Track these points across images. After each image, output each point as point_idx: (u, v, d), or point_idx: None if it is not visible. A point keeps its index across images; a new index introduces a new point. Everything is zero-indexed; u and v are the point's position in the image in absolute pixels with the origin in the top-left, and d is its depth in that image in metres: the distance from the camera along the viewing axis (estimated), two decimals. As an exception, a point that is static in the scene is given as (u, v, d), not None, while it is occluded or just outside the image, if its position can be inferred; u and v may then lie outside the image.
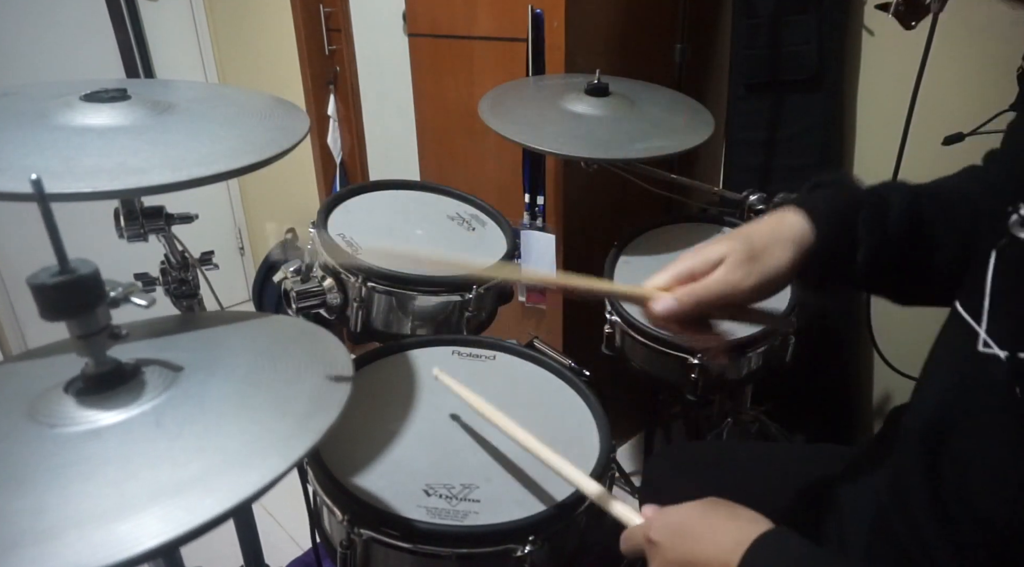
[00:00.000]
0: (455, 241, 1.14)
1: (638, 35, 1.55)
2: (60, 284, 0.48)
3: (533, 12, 1.39)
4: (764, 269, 0.58)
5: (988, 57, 1.27)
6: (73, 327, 0.51)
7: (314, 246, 1.06)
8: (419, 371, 0.93)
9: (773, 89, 1.48)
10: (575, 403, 0.90)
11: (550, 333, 1.67)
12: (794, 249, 0.59)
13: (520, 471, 0.78)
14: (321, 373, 0.57)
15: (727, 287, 0.58)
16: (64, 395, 0.53)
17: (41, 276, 0.48)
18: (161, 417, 0.51)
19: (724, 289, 0.58)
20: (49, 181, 0.62)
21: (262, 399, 0.54)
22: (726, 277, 0.58)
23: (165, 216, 0.89)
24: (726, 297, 0.58)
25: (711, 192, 1.33)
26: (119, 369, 0.54)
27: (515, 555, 0.68)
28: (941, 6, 1.18)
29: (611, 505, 0.64)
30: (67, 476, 0.45)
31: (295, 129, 0.83)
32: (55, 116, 0.76)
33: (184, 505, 0.43)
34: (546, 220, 1.56)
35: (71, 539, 0.41)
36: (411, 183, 1.26)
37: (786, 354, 1.11)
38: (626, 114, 1.19)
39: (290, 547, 1.62)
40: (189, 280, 0.96)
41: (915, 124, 1.27)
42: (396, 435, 0.81)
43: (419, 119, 1.77)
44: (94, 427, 0.50)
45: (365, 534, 0.70)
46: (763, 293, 0.59)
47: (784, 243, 0.59)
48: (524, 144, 1.11)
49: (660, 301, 0.59)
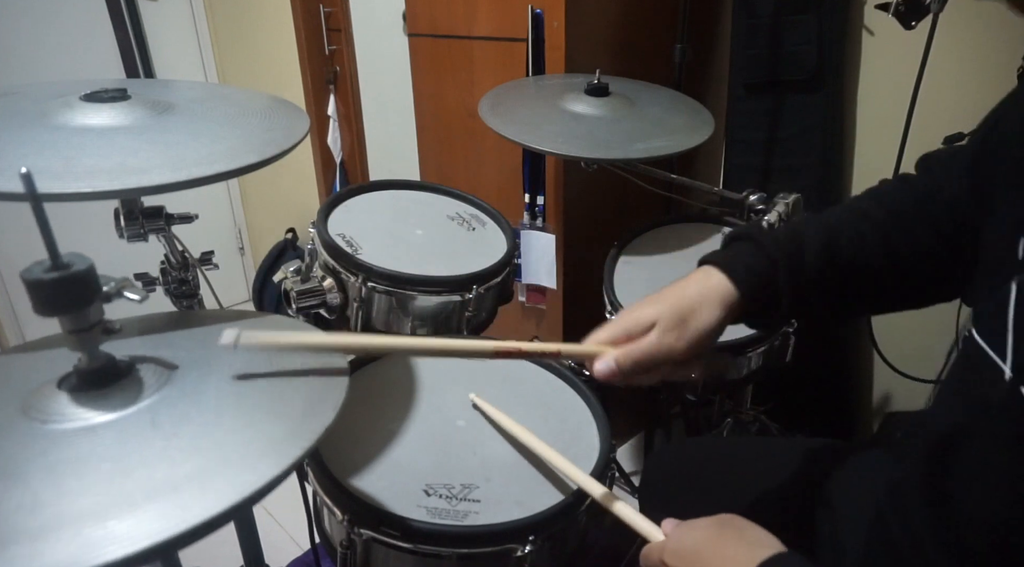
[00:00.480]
0: (455, 241, 1.14)
1: (638, 35, 1.55)
2: (54, 279, 0.48)
3: (533, 12, 1.39)
4: (694, 331, 0.63)
5: (988, 57, 1.27)
6: (66, 322, 0.50)
7: (314, 246, 1.06)
8: (419, 371, 0.93)
9: (773, 89, 1.48)
10: (575, 403, 0.90)
11: (550, 333, 1.67)
12: (721, 309, 0.64)
13: (520, 471, 0.78)
14: (318, 374, 0.57)
15: (661, 349, 0.63)
16: (58, 391, 0.53)
17: (35, 270, 0.48)
18: (156, 415, 0.51)
19: (659, 351, 0.63)
20: (49, 181, 0.63)
21: (258, 399, 0.54)
22: (660, 340, 0.63)
23: (165, 216, 0.89)
24: (662, 357, 0.63)
25: (711, 192, 1.33)
26: (113, 365, 0.54)
27: (515, 555, 0.68)
28: (941, 6, 1.18)
29: (636, 522, 0.65)
30: (61, 473, 0.45)
31: (295, 129, 0.83)
32: (55, 116, 0.76)
33: (179, 504, 0.43)
34: (546, 220, 1.56)
35: (65, 536, 0.41)
36: (411, 183, 1.26)
37: (786, 354, 1.12)
38: (626, 114, 1.19)
39: (290, 547, 1.62)
40: (189, 280, 0.96)
41: (915, 124, 1.27)
42: (396, 435, 0.81)
43: (419, 119, 1.77)
44: (88, 424, 0.50)
45: (365, 534, 0.70)
46: (696, 350, 0.64)
47: (711, 305, 0.64)
48: (524, 144, 1.11)
49: (601, 361, 0.64)
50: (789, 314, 0.66)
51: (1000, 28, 1.25)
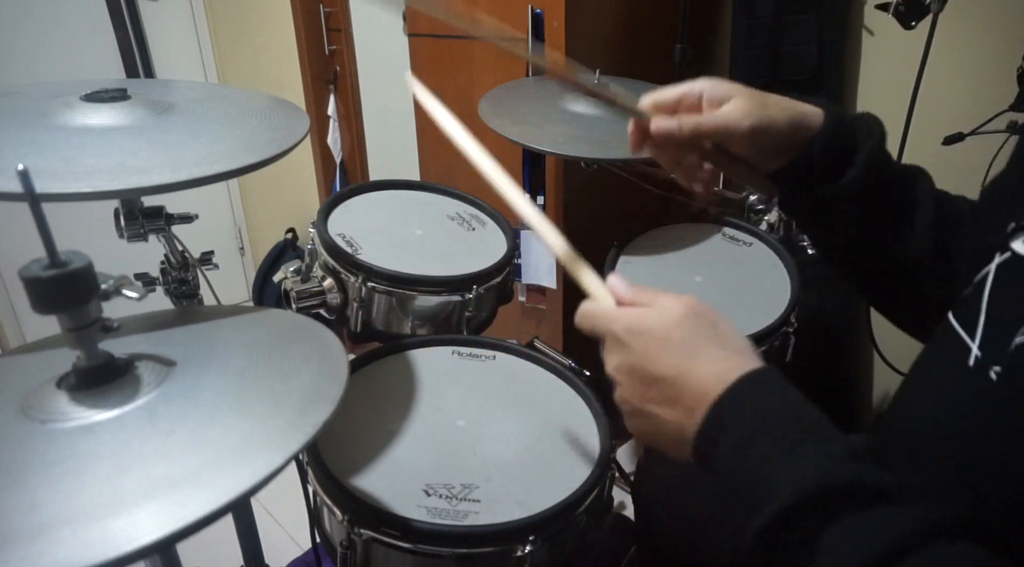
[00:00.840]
0: (455, 241, 1.14)
1: (638, 35, 1.55)
2: (52, 276, 0.48)
3: (533, 12, 1.39)
4: (765, 117, 0.61)
5: (988, 57, 1.28)
6: (64, 320, 0.50)
7: (314, 246, 1.06)
8: (419, 371, 0.93)
9: (773, 89, 1.46)
10: (575, 403, 0.90)
11: (550, 333, 1.67)
12: (799, 117, 0.62)
13: (520, 471, 0.78)
14: (316, 368, 0.57)
15: (726, 123, 0.60)
16: (56, 390, 0.53)
17: (33, 268, 0.48)
18: (154, 413, 0.51)
19: (723, 124, 0.60)
20: (49, 181, 0.63)
21: (256, 394, 0.54)
22: (728, 113, 0.60)
23: (165, 216, 0.89)
24: (722, 133, 0.61)
25: (711, 192, 1.33)
26: (111, 363, 0.54)
27: (515, 555, 0.68)
28: (941, 6, 1.18)
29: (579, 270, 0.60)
30: (59, 472, 0.45)
31: (295, 129, 0.83)
32: (55, 116, 0.76)
33: (178, 501, 0.43)
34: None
35: (64, 535, 0.40)
36: (411, 183, 1.26)
37: (786, 354, 1.11)
38: (627, 114, 1.19)
39: (290, 547, 1.62)
40: (189, 280, 0.96)
41: (915, 124, 1.27)
42: (396, 435, 0.81)
43: (419, 119, 1.77)
44: (87, 423, 0.50)
45: (365, 534, 0.70)
46: (756, 142, 0.61)
47: (792, 108, 0.62)
48: (524, 144, 1.11)
49: (659, 120, 0.62)
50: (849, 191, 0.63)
51: (1000, 28, 1.25)
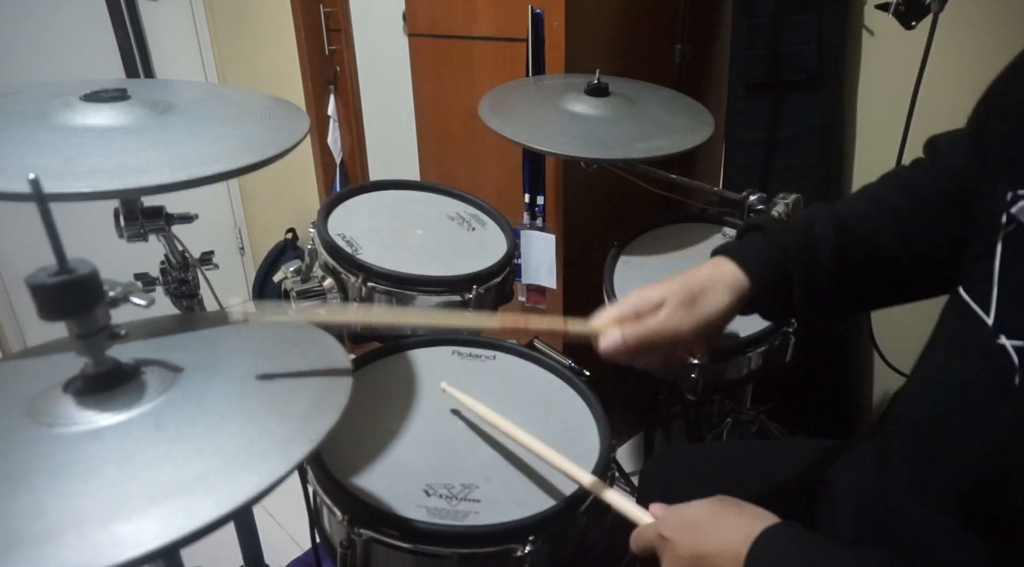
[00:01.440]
0: (455, 241, 1.14)
1: (638, 35, 1.55)
2: (59, 284, 0.48)
3: (533, 12, 1.39)
4: (702, 312, 0.64)
5: (988, 57, 1.27)
6: (72, 327, 0.51)
7: (314, 246, 1.06)
8: (419, 371, 0.93)
9: (773, 89, 1.48)
10: (575, 403, 0.90)
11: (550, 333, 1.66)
12: (731, 294, 0.64)
13: (520, 471, 0.78)
14: (322, 374, 0.57)
15: (668, 328, 0.63)
16: (63, 395, 0.53)
17: (39, 276, 0.48)
18: (160, 418, 0.51)
19: (665, 329, 0.63)
20: (49, 181, 0.63)
21: (262, 401, 0.54)
22: (668, 319, 0.64)
23: (165, 216, 0.89)
24: (668, 337, 0.64)
25: (711, 192, 1.33)
26: (118, 369, 0.54)
27: (515, 555, 0.68)
28: (941, 6, 1.18)
29: (625, 507, 0.65)
30: (66, 476, 0.45)
31: (295, 129, 0.83)
32: (55, 116, 0.76)
33: (184, 507, 0.43)
34: (546, 220, 1.56)
35: (70, 540, 0.41)
36: (411, 183, 1.26)
37: (786, 354, 1.11)
38: (626, 114, 1.19)
39: (290, 547, 1.62)
40: (189, 280, 0.96)
41: (915, 124, 1.27)
42: (396, 435, 0.81)
43: (419, 119, 1.77)
44: (93, 427, 0.50)
45: (365, 534, 0.70)
46: (702, 334, 0.65)
47: (721, 289, 0.64)
48: (524, 144, 1.11)
49: (607, 337, 0.65)
50: (803, 304, 0.66)
51: (1000, 28, 1.25)
